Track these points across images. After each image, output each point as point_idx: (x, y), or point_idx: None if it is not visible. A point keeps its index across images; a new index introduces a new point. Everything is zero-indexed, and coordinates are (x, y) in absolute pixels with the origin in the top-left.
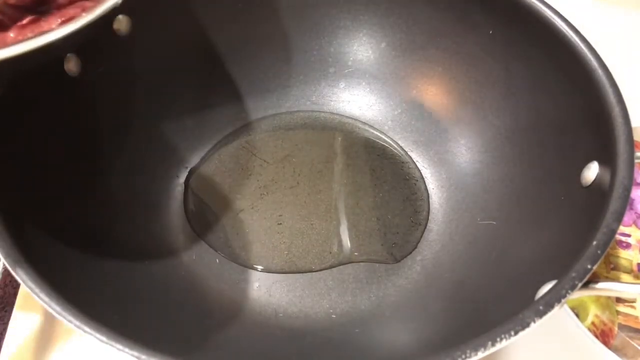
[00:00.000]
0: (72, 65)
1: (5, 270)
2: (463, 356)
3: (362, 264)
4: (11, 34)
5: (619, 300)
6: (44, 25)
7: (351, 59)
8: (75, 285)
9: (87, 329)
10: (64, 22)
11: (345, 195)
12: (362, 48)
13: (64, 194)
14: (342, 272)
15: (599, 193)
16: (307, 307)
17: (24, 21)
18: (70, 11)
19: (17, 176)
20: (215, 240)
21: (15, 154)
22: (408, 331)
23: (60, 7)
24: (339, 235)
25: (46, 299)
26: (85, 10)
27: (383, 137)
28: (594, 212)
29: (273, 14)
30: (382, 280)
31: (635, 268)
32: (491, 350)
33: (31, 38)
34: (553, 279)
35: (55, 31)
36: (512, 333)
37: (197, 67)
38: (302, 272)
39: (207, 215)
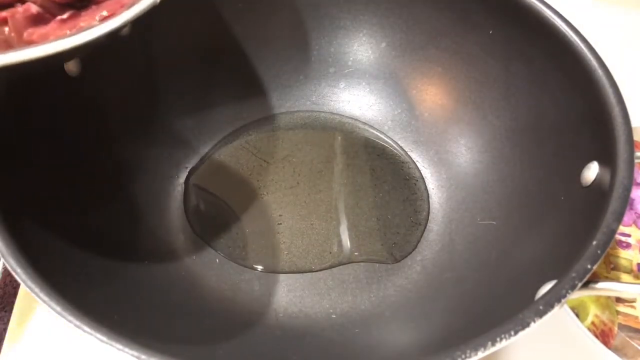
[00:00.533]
0: (72, 65)
1: (5, 270)
2: (463, 356)
3: (362, 264)
4: (51, 29)
5: (619, 300)
6: (83, 20)
7: (351, 59)
8: (75, 286)
9: (87, 328)
10: (104, 19)
11: (345, 195)
12: (362, 48)
13: (64, 194)
14: (342, 272)
15: (599, 193)
16: (307, 307)
17: (65, 15)
18: (109, 6)
19: (16, 176)
20: (215, 240)
21: (14, 155)
22: (408, 331)
23: (99, 2)
24: (339, 235)
25: (46, 299)
26: (123, 6)
27: (383, 137)
28: (594, 212)
29: (273, 14)
30: (382, 280)
31: (635, 268)
32: (491, 350)
33: (72, 35)
34: (553, 279)
35: (97, 27)
36: (512, 333)
37: (197, 67)
38: (302, 272)
39: (207, 215)
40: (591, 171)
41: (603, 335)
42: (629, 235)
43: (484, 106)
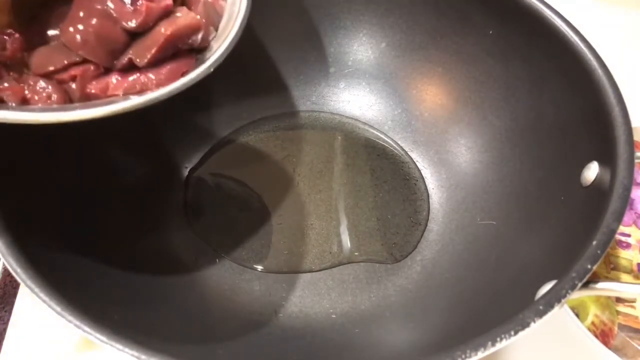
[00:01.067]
0: None
1: (5, 270)
2: (463, 356)
3: (362, 264)
4: (111, 82)
5: (619, 300)
6: (142, 77)
7: (351, 59)
8: (75, 285)
9: (86, 328)
10: (161, 83)
11: (345, 195)
12: (362, 48)
13: (63, 195)
14: (342, 272)
15: (599, 193)
16: (307, 307)
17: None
18: (168, 72)
19: (17, 179)
20: (215, 240)
21: (15, 158)
22: (408, 331)
23: (162, 64)
24: (339, 235)
25: (46, 299)
26: (183, 74)
27: (383, 137)
28: (594, 212)
29: (273, 15)
30: (382, 280)
31: (635, 268)
32: (491, 350)
33: (126, 98)
34: (553, 279)
35: (154, 93)
36: (512, 333)
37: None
38: (302, 272)
39: (207, 215)
40: (591, 171)
41: (603, 335)
42: (629, 235)
43: (484, 106)
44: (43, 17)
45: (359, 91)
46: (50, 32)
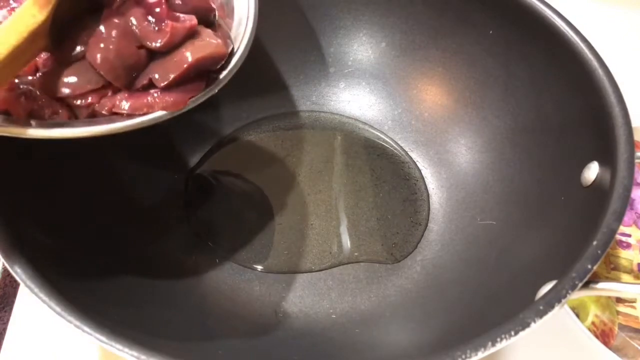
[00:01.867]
0: None
1: (5, 270)
2: (463, 356)
3: (362, 264)
4: (123, 102)
5: (619, 300)
6: (148, 98)
7: (351, 59)
8: (75, 286)
9: (87, 329)
10: (168, 106)
11: (345, 195)
12: (362, 48)
13: (63, 197)
14: (342, 272)
15: (599, 193)
16: (307, 307)
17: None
18: (175, 95)
19: (17, 180)
20: (215, 240)
21: (14, 157)
22: (408, 331)
23: (170, 89)
24: (339, 235)
25: (46, 299)
26: (190, 98)
27: (383, 137)
28: (594, 212)
29: (273, 15)
30: (382, 280)
31: (635, 268)
32: (491, 350)
33: (129, 119)
34: (553, 279)
35: (158, 114)
36: (512, 333)
37: None
38: (302, 272)
39: (207, 215)
40: (591, 171)
41: (603, 335)
42: (629, 235)
43: (484, 106)
44: (72, 37)
45: (359, 91)
46: (78, 49)
